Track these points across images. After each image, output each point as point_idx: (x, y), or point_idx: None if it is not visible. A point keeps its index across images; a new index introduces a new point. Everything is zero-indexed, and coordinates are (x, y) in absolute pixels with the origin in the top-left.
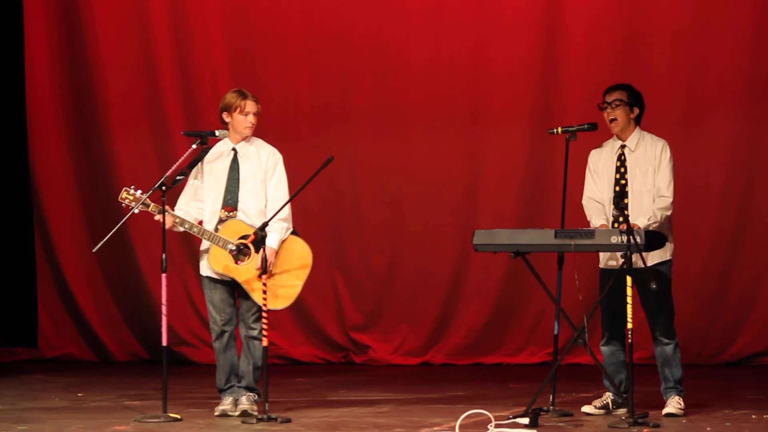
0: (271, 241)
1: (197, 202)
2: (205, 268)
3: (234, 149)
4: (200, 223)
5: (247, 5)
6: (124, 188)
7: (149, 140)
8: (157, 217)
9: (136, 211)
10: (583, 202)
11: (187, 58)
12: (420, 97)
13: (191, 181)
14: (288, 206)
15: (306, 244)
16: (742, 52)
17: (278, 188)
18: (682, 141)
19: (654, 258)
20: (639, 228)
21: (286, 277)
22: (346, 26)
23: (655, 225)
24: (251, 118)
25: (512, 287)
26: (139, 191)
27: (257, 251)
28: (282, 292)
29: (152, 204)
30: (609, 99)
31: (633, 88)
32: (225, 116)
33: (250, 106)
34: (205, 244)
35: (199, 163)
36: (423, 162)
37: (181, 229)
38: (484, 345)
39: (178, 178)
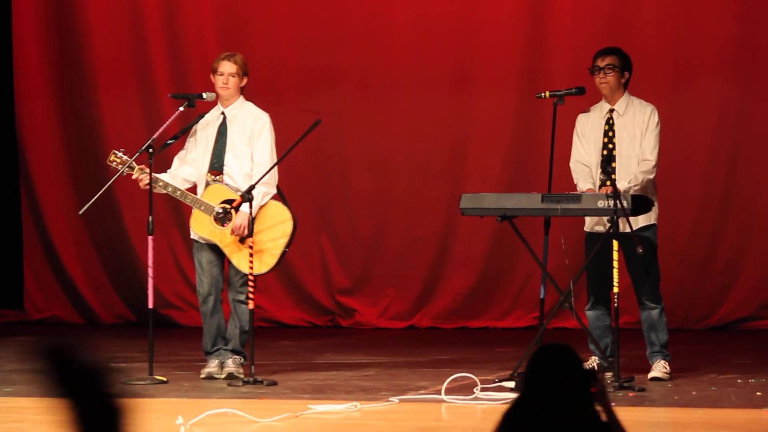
0: (245, 207)
1: (187, 167)
2: (193, 232)
3: (223, 113)
4: (192, 189)
5: None
6: (113, 151)
7: (137, 103)
8: (136, 175)
9: (124, 173)
10: (571, 165)
11: (175, 21)
12: (407, 61)
13: (186, 146)
14: (273, 171)
15: (281, 204)
16: (731, 16)
17: (262, 152)
18: (669, 105)
19: (639, 222)
20: (620, 191)
21: (262, 241)
22: None
23: (636, 188)
24: (224, 79)
25: (499, 251)
26: (127, 155)
27: None
28: (259, 255)
29: (137, 168)
30: (601, 64)
31: (623, 52)
32: (211, 79)
33: (224, 66)
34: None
35: (194, 129)
36: (410, 126)
37: (164, 191)
38: (471, 309)
39: (168, 142)
